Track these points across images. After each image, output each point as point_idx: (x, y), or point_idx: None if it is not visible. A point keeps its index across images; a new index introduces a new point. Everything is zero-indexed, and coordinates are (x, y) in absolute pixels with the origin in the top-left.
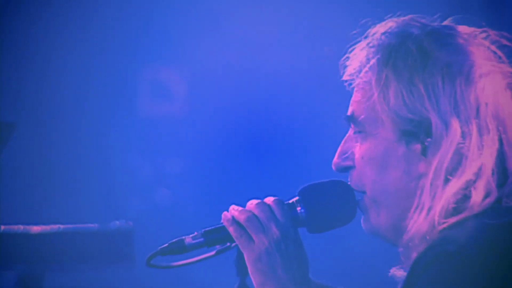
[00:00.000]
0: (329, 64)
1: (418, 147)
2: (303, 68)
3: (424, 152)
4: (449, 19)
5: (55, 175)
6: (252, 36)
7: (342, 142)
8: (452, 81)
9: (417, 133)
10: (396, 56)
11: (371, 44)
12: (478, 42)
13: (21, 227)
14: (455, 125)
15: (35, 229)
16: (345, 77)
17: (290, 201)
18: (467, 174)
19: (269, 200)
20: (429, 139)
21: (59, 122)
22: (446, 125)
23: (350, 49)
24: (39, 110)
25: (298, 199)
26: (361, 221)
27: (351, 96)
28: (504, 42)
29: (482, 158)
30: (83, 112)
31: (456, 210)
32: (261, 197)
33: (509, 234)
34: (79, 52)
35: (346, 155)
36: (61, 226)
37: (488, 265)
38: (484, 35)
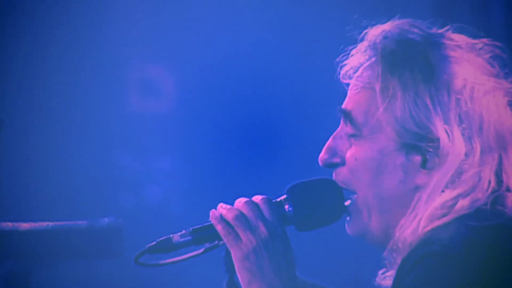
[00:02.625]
0: (319, 60)
1: (418, 158)
2: (292, 65)
3: (423, 164)
4: (447, 27)
5: (43, 172)
6: (241, 33)
7: (331, 138)
8: (458, 96)
9: (420, 146)
10: (402, 66)
11: (372, 47)
12: (477, 54)
13: (10, 224)
14: (460, 142)
15: (24, 226)
16: (342, 75)
17: (278, 200)
18: (462, 187)
19: (257, 198)
20: (430, 151)
21: (48, 119)
22: (453, 142)
23: (348, 49)
24: (27, 108)
25: (286, 197)
26: (346, 224)
27: (343, 93)
28: (498, 52)
29: (480, 172)
30: (72, 109)
31: (442, 215)
32: (249, 195)
33: (491, 234)
34: (68, 50)
35: (334, 151)
36: (50, 223)
37: (471, 263)
38: (480, 45)
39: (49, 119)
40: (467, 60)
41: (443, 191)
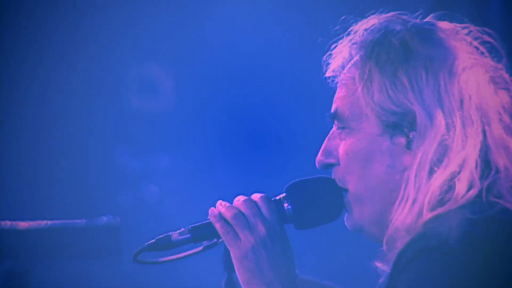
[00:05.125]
0: (316, 60)
1: (402, 140)
2: (291, 65)
3: (408, 145)
4: (431, 15)
5: (42, 170)
6: (240, 32)
7: (326, 139)
8: (436, 74)
9: (401, 125)
10: (379, 50)
11: (354, 41)
12: (460, 37)
13: (9, 223)
14: (439, 116)
15: (23, 225)
16: (328, 74)
17: (277, 198)
18: (452, 165)
19: (256, 196)
20: (413, 132)
21: (46, 118)
22: (430, 116)
23: (332, 46)
24: (26, 106)
25: (285, 196)
26: (345, 218)
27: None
28: (486, 38)
29: (466, 150)
30: (71, 107)
31: (440, 202)
32: (248, 194)
33: (489, 228)
34: (67, 48)
35: (330, 152)
36: (49, 222)
37: (468, 258)
38: (466, 31)
39: (48, 117)
40: (448, 41)
41: (433, 171)
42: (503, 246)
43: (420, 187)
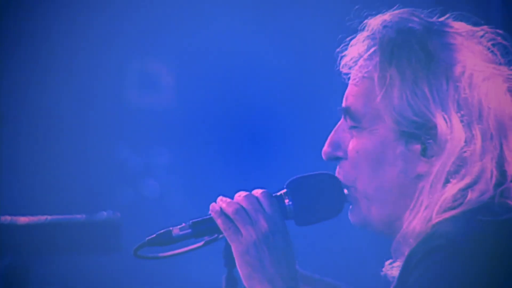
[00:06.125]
0: (319, 52)
1: (417, 147)
2: (291, 60)
3: (423, 153)
4: (447, 15)
5: (42, 166)
6: (240, 28)
7: (333, 131)
8: (456, 84)
9: (418, 134)
10: (399, 54)
11: (371, 37)
12: (477, 41)
13: (8, 218)
14: (459, 129)
15: (23, 220)
16: (341, 68)
17: (278, 194)
18: (468, 177)
19: (257, 192)
20: (430, 141)
21: (47, 114)
22: (451, 129)
23: (347, 39)
24: (26, 102)
25: (286, 192)
26: (349, 213)
27: (342, 87)
28: (500, 40)
29: (483, 163)
30: (71, 103)
31: (450, 208)
32: (249, 190)
33: (499, 229)
34: (67, 44)
35: (338, 144)
36: (49, 217)
37: (477, 258)
38: (481, 33)
39: (48, 113)
40: (466, 47)
41: (448, 182)
42: (510, 247)
43: (434, 196)
